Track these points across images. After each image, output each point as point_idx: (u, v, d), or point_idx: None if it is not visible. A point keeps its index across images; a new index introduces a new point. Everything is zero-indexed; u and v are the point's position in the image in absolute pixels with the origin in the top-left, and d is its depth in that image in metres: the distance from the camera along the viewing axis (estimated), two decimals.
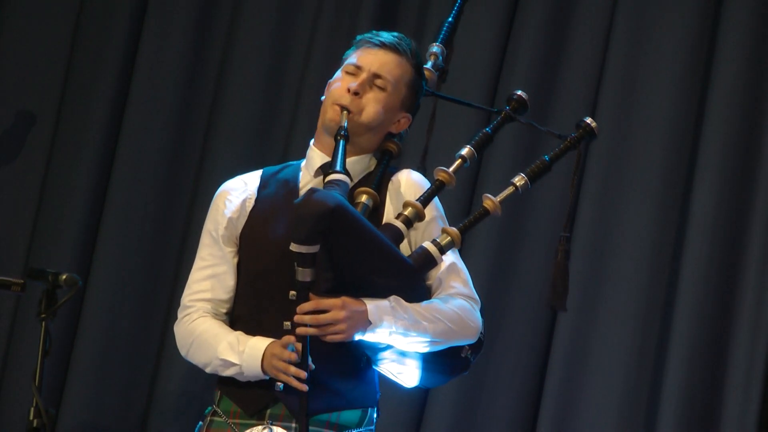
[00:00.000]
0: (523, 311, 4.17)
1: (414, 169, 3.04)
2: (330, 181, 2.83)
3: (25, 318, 4.37)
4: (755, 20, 4.11)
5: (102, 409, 4.33)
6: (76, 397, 4.31)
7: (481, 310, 2.95)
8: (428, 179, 3.00)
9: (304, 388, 2.76)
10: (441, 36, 3.28)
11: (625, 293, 4.09)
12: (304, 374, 2.76)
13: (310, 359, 2.76)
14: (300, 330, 2.75)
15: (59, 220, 4.40)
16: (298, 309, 2.75)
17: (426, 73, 3.13)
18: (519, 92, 3.07)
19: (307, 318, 2.75)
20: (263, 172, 3.05)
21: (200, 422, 2.96)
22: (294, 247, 2.70)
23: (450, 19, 3.33)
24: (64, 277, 2.97)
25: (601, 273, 4.12)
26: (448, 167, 2.95)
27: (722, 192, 4.06)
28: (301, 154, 3.07)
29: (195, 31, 4.47)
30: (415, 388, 2.98)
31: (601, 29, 4.21)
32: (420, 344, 2.84)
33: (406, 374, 2.93)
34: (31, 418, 2.86)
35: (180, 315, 2.99)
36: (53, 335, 2.93)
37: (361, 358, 2.89)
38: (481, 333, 2.93)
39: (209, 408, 2.95)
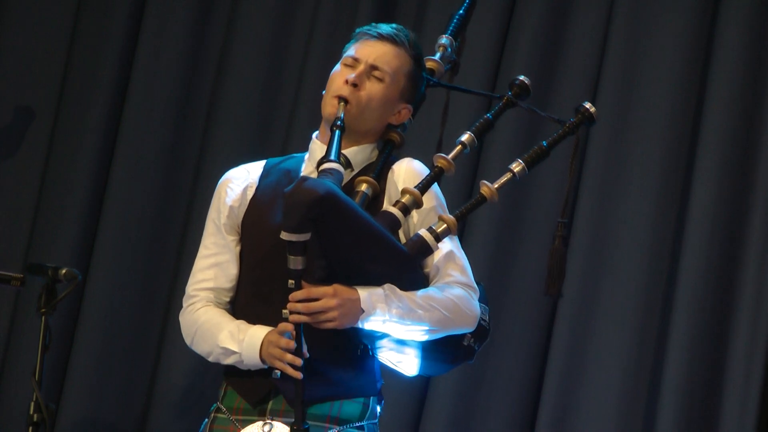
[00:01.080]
0: (523, 305, 4.16)
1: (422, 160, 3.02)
2: (323, 170, 2.82)
3: (25, 313, 4.37)
4: (754, 13, 4.10)
5: (102, 404, 4.33)
6: (76, 391, 4.31)
7: (486, 299, 2.94)
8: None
9: (299, 375, 2.76)
10: (450, 28, 3.25)
11: (624, 288, 4.08)
12: (299, 361, 2.76)
13: (305, 347, 2.76)
14: (293, 318, 2.76)
15: (58, 215, 4.40)
16: (291, 297, 2.76)
17: (432, 64, 3.11)
18: (521, 77, 3.05)
19: (299, 306, 2.75)
20: (266, 162, 3.06)
21: (206, 419, 2.97)
22: (284, 236, 2.70)
23: (461, 11, 3.30)
24: (63, 271, 2.98)
25: (601, 268, 4.11)
26: (448, 154, 2.93)
27: (722, 185, 4.06)
28: (301, 149, 3.08)
29: (194, 27, 4.47)
30: (417, 376, 2.98)
31: (602, 18, 4.21)
32: (416, 333, 2.83)
33: (406, 363, 2.92)
34: (31, 412, 2.87)
35: (185, 304, 3.00)
36: (53, 330, 2.94)
37: (358, 346, 2.88)
38: (484, 321, 2.92)
39: (214, 405, 2.96)
